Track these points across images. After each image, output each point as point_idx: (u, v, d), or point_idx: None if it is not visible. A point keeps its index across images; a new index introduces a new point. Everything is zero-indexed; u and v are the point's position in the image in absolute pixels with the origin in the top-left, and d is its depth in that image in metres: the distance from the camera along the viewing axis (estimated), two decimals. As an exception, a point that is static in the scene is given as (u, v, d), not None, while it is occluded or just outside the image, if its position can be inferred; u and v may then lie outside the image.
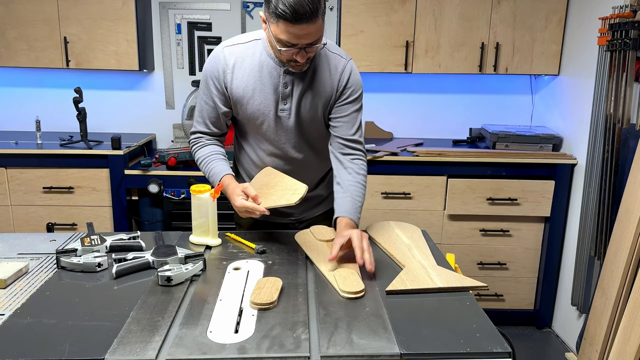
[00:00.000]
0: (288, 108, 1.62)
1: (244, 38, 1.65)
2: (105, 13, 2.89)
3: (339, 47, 1.69)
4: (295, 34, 1.41)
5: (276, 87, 1.60)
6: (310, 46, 1.46)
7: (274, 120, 1.64)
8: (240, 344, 1.03)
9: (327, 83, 1.62)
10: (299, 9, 1.35)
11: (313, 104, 1.63)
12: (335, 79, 1.62)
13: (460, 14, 2.91)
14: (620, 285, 2.10)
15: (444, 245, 2.93)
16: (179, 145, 3.11)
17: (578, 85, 2.82)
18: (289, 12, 1.36)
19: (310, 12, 1.37)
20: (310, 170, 1.77)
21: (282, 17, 1.38)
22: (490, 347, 1.04)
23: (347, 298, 1.24)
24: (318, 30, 1.43)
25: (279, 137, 1.67)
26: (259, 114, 1.63)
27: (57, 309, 1.18)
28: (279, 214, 1.81)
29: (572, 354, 2.71)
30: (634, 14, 2.25)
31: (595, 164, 2.52)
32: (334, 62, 1.63)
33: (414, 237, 1.62)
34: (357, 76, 1.66)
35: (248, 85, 1.60)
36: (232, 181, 1.61)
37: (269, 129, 1.65)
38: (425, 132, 3.38)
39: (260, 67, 1.60)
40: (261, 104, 1.61)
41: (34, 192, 2.80)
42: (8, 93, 3.28)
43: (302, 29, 1.39)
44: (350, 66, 1.65)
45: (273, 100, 1.61)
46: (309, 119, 1.65)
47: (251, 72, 1.60)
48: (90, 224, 1.63)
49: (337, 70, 1.62)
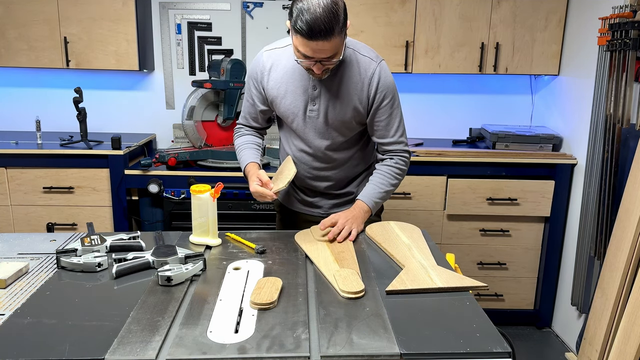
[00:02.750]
0: (317, 109, 1.70)
1: (282, 42, 1.76)
2: (105, 13, 2.89)
3: (370, 49, 1.73)
4: (311, 48, 1.49)
5: (306, 89, 1.69)
6: (327, 60, 1.53)
7: (303, 119, 1.73)
8: (240, 344, 1.03)
9: (357, 87, 1.68)
10: (315, 27, 1.44)
11: (341, 106, 1.69)
12: (365, 84, 1.68)
13: (460, 14, 2.91)
14: (620, 285, 2.10)
15: (444, 245, 2.93)
16: (179, 145, 3.11)
17: (578, 85, 2.82)
18: (305, 29, 1.45)
19: (325, 31, 1.44)
20: (339, 169, 1.84)
21: (299, 32, 1.47)
22: (490, 347, 1.04)
23: (347, 298, 1.24)
24: (334, 47, 1.50)
25: (307, 135, 1.76)
26: (289, 113, 1.74)
27: (57, 309, 1.18)
28: (309, 205, 1.91)
29: (572, 354, 2.71)
30: (634, 14, 2.25)
31: (595, 164, 2.52)
32: (363, 66, 1.68)
33: (414, 237, 1.62)
34: (387, 78, 1.70)
35: (281, 86, 1.71)
36: (252, 168, 1.74)
37: (299, 127, 1.76)
38: (425, 132, 3.38)
39: (292, 70, 1.70)
40: (291, 104, 1.72)
41: (34, 192, 2.80)
42: (8, 93, 3.28)
43: (317, 44, 1.48)
44: (380, 69, 1.68)
45: (302, 101, 1.71)
46: (337, 120, 1.71)
47: (284, 74, 1.71)
48: (90, 224, 1.63)
49: (366, 74, 1.67)
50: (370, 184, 1.77)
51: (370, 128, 1.76)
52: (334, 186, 1.87)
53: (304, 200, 1.91)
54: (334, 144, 1.76)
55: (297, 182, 1.88)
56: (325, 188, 1.86)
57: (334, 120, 1.71)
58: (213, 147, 2.88)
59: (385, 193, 1.76)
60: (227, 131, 2.94)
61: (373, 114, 1.71)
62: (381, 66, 1.68)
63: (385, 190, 1.75)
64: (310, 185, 1.86)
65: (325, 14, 1.43)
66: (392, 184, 1.77)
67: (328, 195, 1.89)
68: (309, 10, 1.43)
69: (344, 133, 1.75)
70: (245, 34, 3.23)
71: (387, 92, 1.69)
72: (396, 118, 1.74)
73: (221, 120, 2.90)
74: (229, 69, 2.77)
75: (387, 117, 1.72)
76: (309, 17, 1.43)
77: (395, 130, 1.75)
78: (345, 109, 1.69)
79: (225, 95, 2.82)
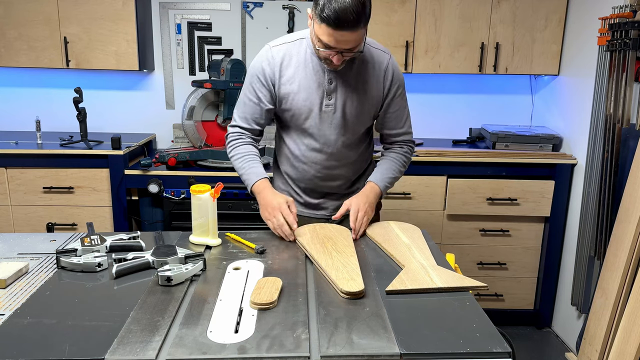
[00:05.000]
0: (333, 103, 1.68)
1: (289, 37, 1.71)
2: (105, 13, 2.89)
3: (377, 42, 1.74)
4: (335, 38, 1.47)
5: (321, 83, 1.66)
6: (348, 51, 1.52)
7: (319, 115, 1.69)
8: (240, 344, 1.03)
9: (373, 79, 1.69)
10: (343, 16, 1.41)
11: (359, 99, 1.69)
12: (381, 76, 1.69)
13: (460, 14, 2.91)
14: (620, 285, 2.10)
15: (444, 245, 2.93)
16: (179, 145, 3.11)
17: (578, 85, 2.82)
18: (332, 18, 1.41)
19: (353, 21, 1.42)
20: (350, 166, 1.83)
21: (325, 21, 1.44)
22: (490, 347, 1.04)
23: (347, 298, 1.24)
24: (358, 39, 1.50)
25: (322, 132, 1.72)
26: (304, 110, 1.69)
27: (57, 309, 1.18)
28: (314, 208, 1.88)
29: (572, 354, 2.71)
30: (634, 14, 2.25)
31: (595, 164, 2.52)
32: (378, 58, 1.69)
33: (414, 237, 1.62)
34: (398, 70, 1.74)
35: (294, 81, 1.67)
36: (269, 185, 1.69)
37: (313, 124, 1.71)
38: (425, 132, 3.38)
39: (305, 64, 1.66)
40: (307, 99, 1.67)
41: (34, 192, 2.80)
42: (8, 93, 3.28)
43: (342, 35, 1.45)
44: (392, 62, 1.72)
45: (318, 97, 1.67)
46: (355, 114, 1.70)
47: (297, 69, 1.66)
48: (90, 224, 1.63)
49: (381, 67, 1.69)
50: (381, 167, 1.77)
51: (382, 120, 1.77)
52: (343, 185, 1.85)
53: (308, 202, 1.87)
54: (350, 139, 1.75)
55: (303, 184, 1.84)
56: (335, 188, 1.84)
57: (351, 114, 1.70)
58: (213, 147, 2.88)
59: (394, 178, 1.78)
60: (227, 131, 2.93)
61: (387, 105, 1.73)
62: (392, 59, 1.72)
63: (395, 176, 1.78)
64: (319, 185, 1.83)
65: (354, 4, 1.40)
66: (400, 170, 1.80)
67: (334, 195, 1.86)
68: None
69: (359, 128, 1.75)
70: (245, 34, 3.23)
71: (400, 83, 1.73)
72: (406, 109, 1.79)
73: (221, 120, 2.90)
74: (229, 69, 2.77)
75: (400, 108, 1.76)
76: (337, 6, 1.40)
77: (405, 121, 1.79)
78: (363, 102, 1.69)
79: (225, 95, 2.82)
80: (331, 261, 1.42)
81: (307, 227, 1.68)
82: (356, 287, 1.25)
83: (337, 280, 1.29)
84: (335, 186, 1.84)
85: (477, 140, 3.18)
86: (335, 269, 1.36)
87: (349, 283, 1.27)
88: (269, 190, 1.68)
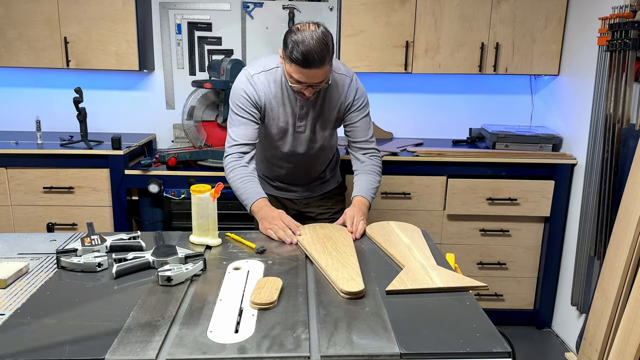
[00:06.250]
0: (304, 125, 1.92)
1: (267, 65, 1.86)
2: (105, 13, 2.89)
3: (341, 65, 1.93)
4: (305, 75, 1.67)
5: (293, 109, 1.88)
6: (317, 84, 1.72)
7: (292, 134, 1.93)
8: (240, 344, 1.03)
9: (337, 102, 1.90)
10: (309, 57, 1.61)
11: (326, 119, 1.92)
12: (343, 96, 1.90)
13: (460, 14, 2.91)
14: (620, 285, 2.10)
15: (444, 245, 2.93)
16: (179, 145, 3.11)
17: (578, 85, 2.82)
18: (300, 59, 1.62)
19: (318, 60, 1.63)
20: (318, 163, 2.09)
21: (295, 62, 1.64)
22: (490, 347, 1.04)
23: (347, 298, 1.24)
24: (325, 73, 1.70)
25: (294, 145, 1.96)
26: (280, 133, 1.93)
27: (57, 309, 1.18)
28: (284, 190, 2.14)
29: (571, 353, 2.71)
30: (633, 14, 2.25)
31: (595, 163, 2.52)
32: (340, 83, 1.89)
33: (414, 237, 1.62)
34: (361, 87, 1.94)
35: (273, 107, 1.87)
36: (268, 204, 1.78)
37: (287, 140, 1.95)
38: (425, 132, 3.38)
39: (281, 93, 1.86)
40: (283, 122, 1.90)
41: (34, 192, 2.80)
42: (8, 93, 3.28)
43: (310, 72, 1.66)
44: (355, 82, 1.92)
45: (292, 121, 1.90)
46: (322, 129, 1.95)
47: (275, 97, 1.86)
48: (91, 224, 1.63)
49: (344, 89, 1.90)
50: (361, 182, 1.91)
51: (349, 128, 1.95)
52: (312, 176, 2.10)
53: (279, 186, 2.14)
54: (316, 146, 1.98)
55: (273, 177, 2.12)
56: (303, 179, 2.10)
57: (319, 131, 1.94)
58: (213, 147, 2.88)
59: (375, 189, 1.93)
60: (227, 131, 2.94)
61: (350, 115, 1.92)
62: (354, 79, 1.92)
63: (376, 186, 1.93)
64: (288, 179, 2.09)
65: (318, 45, 1.61)
66: (378, 180, 1.95)
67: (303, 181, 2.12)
68: (304, 42, 1.60)
69: (325, 137, 1.99)
70: (245, 34, 3.23)
71: (363, 97, 1.93)
72: (369, 120, 1.97)
73: (221, 120, 2.90)
74: (229, 69, 2.77)
75: (363, 118, 1.93)
76: (304, 49, 1.60)
77: (368, 129, 1.96)
78: (328, 120, 1.93)
79: (226, 96, 2.82)
80: (331, 261, 1.42)
81: (307, 227, 1.69)
82: (356, 287, 1.25)
83: (337, 280, 1.29)
84: (304, 177, 2.10)
85: (477, 140, 3.18)
86: (335, 269, 1.36)
87: (349, 283, 1.27)
88: (269, 207, 1.76)
